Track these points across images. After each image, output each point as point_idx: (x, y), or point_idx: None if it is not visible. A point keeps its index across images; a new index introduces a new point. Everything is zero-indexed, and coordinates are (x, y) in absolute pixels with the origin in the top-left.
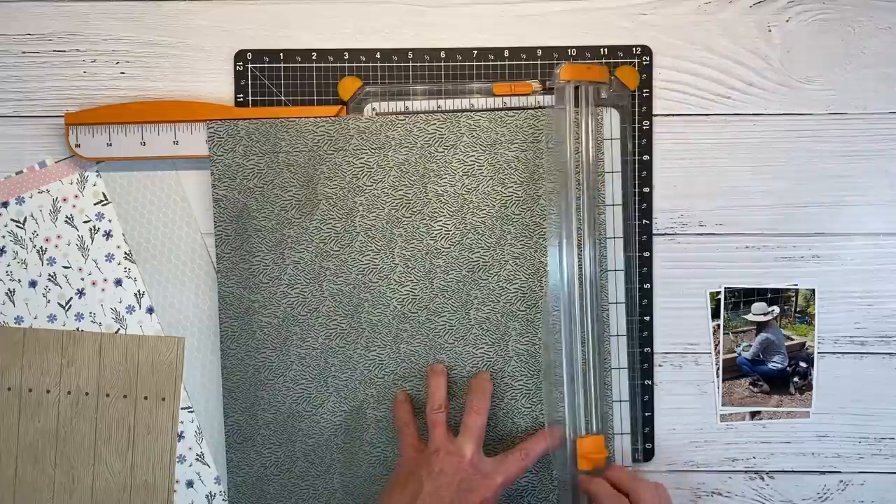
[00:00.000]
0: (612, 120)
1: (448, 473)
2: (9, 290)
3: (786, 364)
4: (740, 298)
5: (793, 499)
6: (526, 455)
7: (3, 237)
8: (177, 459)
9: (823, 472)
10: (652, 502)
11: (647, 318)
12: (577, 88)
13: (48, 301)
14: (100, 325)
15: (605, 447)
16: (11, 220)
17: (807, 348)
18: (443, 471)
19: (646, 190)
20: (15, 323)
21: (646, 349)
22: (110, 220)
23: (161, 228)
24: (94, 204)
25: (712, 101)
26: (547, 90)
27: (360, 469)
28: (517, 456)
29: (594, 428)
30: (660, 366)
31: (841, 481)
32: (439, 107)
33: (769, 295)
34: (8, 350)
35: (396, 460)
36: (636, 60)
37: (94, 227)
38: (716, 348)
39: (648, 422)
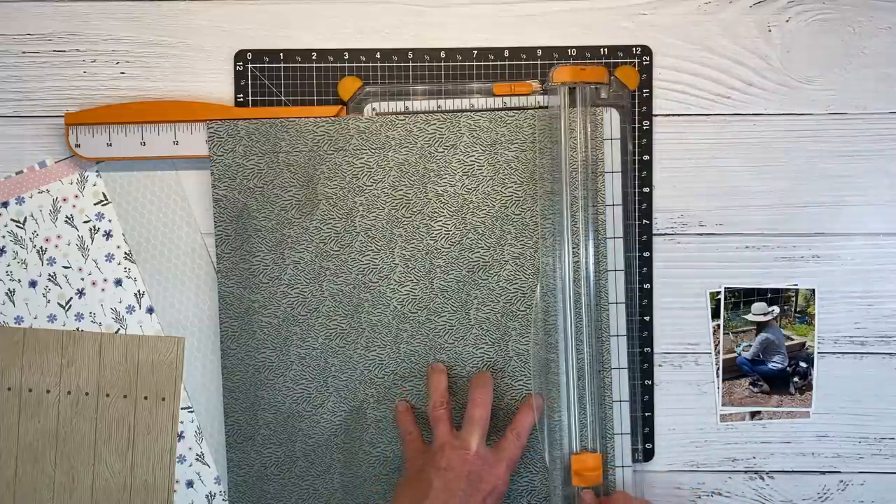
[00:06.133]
0: (612, 120)
1: (455, 468)
2: (9, 290)
3: (786, 364)
4: (740, 298)
5: (793, 499)
6: (518, 435)
7: (3, 237)
8: (177, 459)
9: (823, 472)
10: None
11: (647, 318)
12: (572, 89)
13: (48, 301)
14: (100, 325)
15: (604, 466)
16: (11, 220)
17: (807, 348)
18: (450, 466)
19: (646, 190)
20: (15, 323)
21: (646, 349)
22: (110, 220)
23: (161, 228)
24: (94, 204)
25: (712, 101)
26: (545, 91)
27: (360, 469)
28: (511, 438)
29: (590, 445)
30: (660, 366)
31: (841, 481)
32: (439, 107)
33: (769, 295)
34: (8, 350)
35: (403, 466)
36: (636, 60)
37: (94, 227)
38: (716, 348)
39: (648, 422)
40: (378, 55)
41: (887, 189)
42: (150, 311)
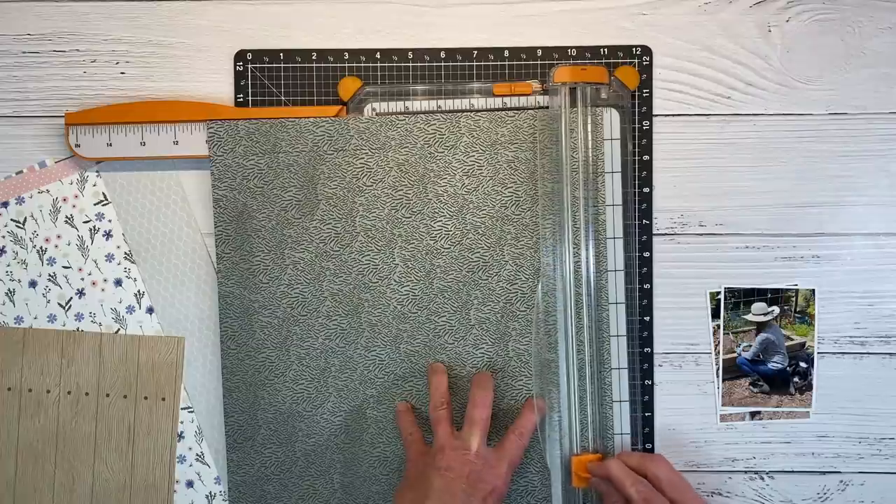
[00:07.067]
0: (612, 120)
1: (455, 469)
2: (9, 290)
3: (786, 364)
4: (740, 298)
5: (793, 499)
6: (521, 435)
7: (3, 237)
8: (177, 459)
9: (823, 472)
10: (668, 476)
11: (647, 318)
12: (573, 90)
13: (48, 301)
14: (100, 325)
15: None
16: (11, 220)
17: (807, 348)
18: (450, 467)
19: (646, 190)
20: (15, 323)
21: (646, 349)
22: (110, 220)
23: (161, 228)
24: (94, 204)
25: (712, 101)
26: (545, 91)
27: (360, 469)
28: (513, 438)
29: (590, 446)
30: (660, 366)
31: (841, 481)
32: (439, 107)
33: (769, 295)
34: (8, 350)
35: (405, 467)
36: (636, 60)
37: (94, 227)
38: (716, 348)
39: (648, 422)
40: (378, 55)
41: (887, 189)
42: (150, 311)
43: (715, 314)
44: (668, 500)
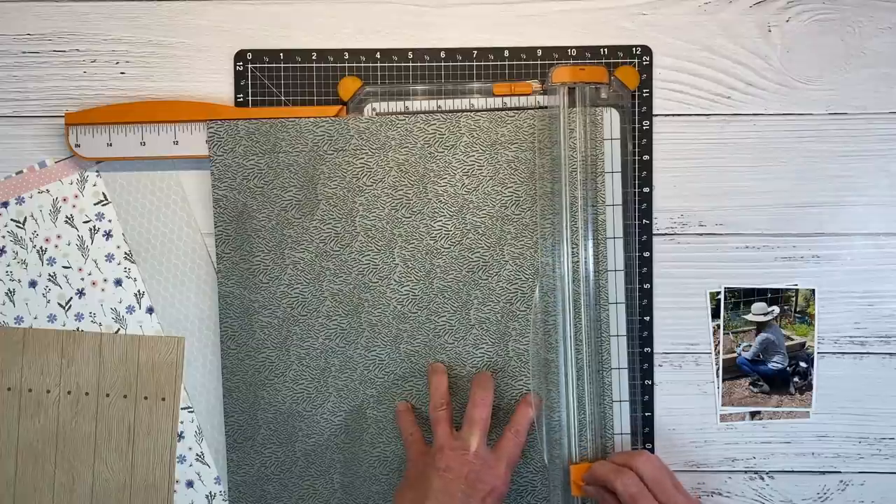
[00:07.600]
0: (612, 120)
1: (454, 469)
2: (9, 290)
3: (786, 364)
4: (740, 298)
5: (793, 499)
6: (517, 433)
7: (3, 237)
8: (177, 459)
9: (823, 472)
10: (652, 473)
11: (647, 318)
12: (571, 90)
13: (48, 301)
14: (100, 325)
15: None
16: (11, 220)
17: (807, 348)
18: (449, 467)
19: (646, 190)
20: (15, 323)
21: (646, 349)
22: (110, 220)
23: (161, 228)
24: (94, 204)
25: (712, 101)
26: (545, 91)
27: (360, 469)
28: (510, 436)
29: (590, 452)
30: (660, 366)
31: (841, 481)
32: (439, 107)
33: (769, 295)
34: (8, 350)
35: (405, 467)
36: (636, 60)
37: (94, 227)
38: (716, 348)
39: (648, 422)
40: (378, 55)
41: (887, 189)
42: (150, 311)
43: (715, 314)
44: (653, 497)
